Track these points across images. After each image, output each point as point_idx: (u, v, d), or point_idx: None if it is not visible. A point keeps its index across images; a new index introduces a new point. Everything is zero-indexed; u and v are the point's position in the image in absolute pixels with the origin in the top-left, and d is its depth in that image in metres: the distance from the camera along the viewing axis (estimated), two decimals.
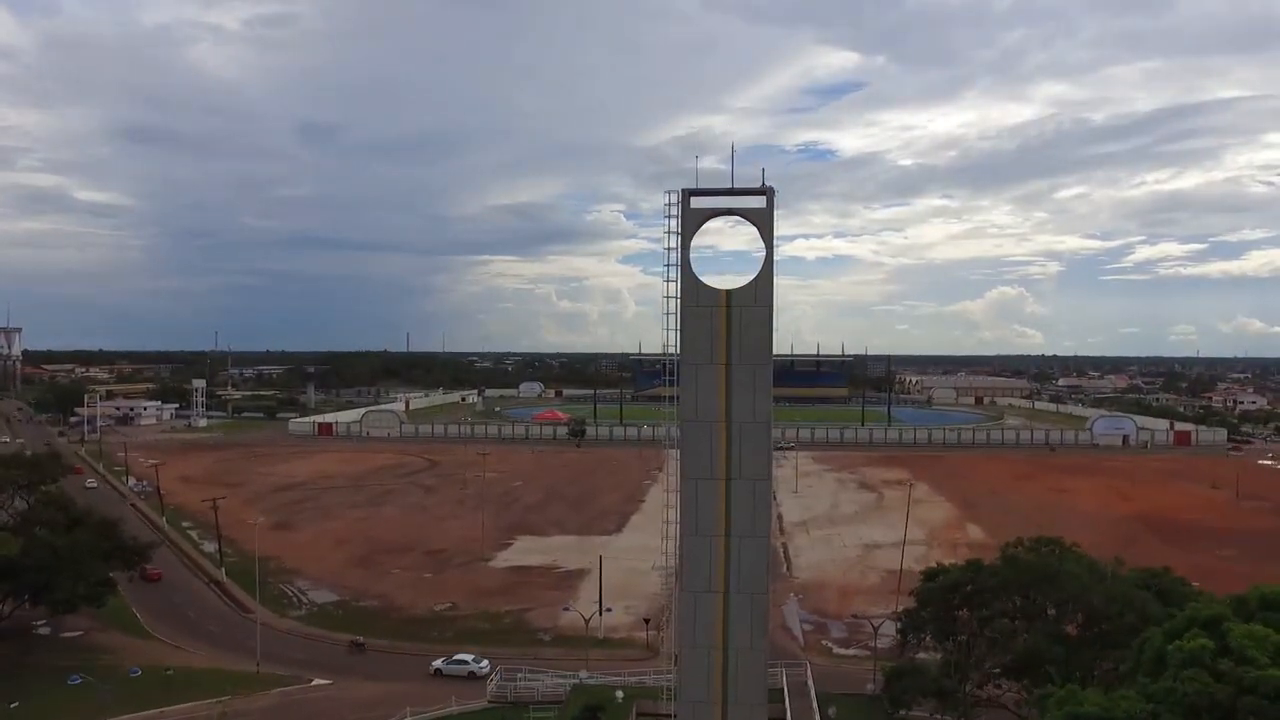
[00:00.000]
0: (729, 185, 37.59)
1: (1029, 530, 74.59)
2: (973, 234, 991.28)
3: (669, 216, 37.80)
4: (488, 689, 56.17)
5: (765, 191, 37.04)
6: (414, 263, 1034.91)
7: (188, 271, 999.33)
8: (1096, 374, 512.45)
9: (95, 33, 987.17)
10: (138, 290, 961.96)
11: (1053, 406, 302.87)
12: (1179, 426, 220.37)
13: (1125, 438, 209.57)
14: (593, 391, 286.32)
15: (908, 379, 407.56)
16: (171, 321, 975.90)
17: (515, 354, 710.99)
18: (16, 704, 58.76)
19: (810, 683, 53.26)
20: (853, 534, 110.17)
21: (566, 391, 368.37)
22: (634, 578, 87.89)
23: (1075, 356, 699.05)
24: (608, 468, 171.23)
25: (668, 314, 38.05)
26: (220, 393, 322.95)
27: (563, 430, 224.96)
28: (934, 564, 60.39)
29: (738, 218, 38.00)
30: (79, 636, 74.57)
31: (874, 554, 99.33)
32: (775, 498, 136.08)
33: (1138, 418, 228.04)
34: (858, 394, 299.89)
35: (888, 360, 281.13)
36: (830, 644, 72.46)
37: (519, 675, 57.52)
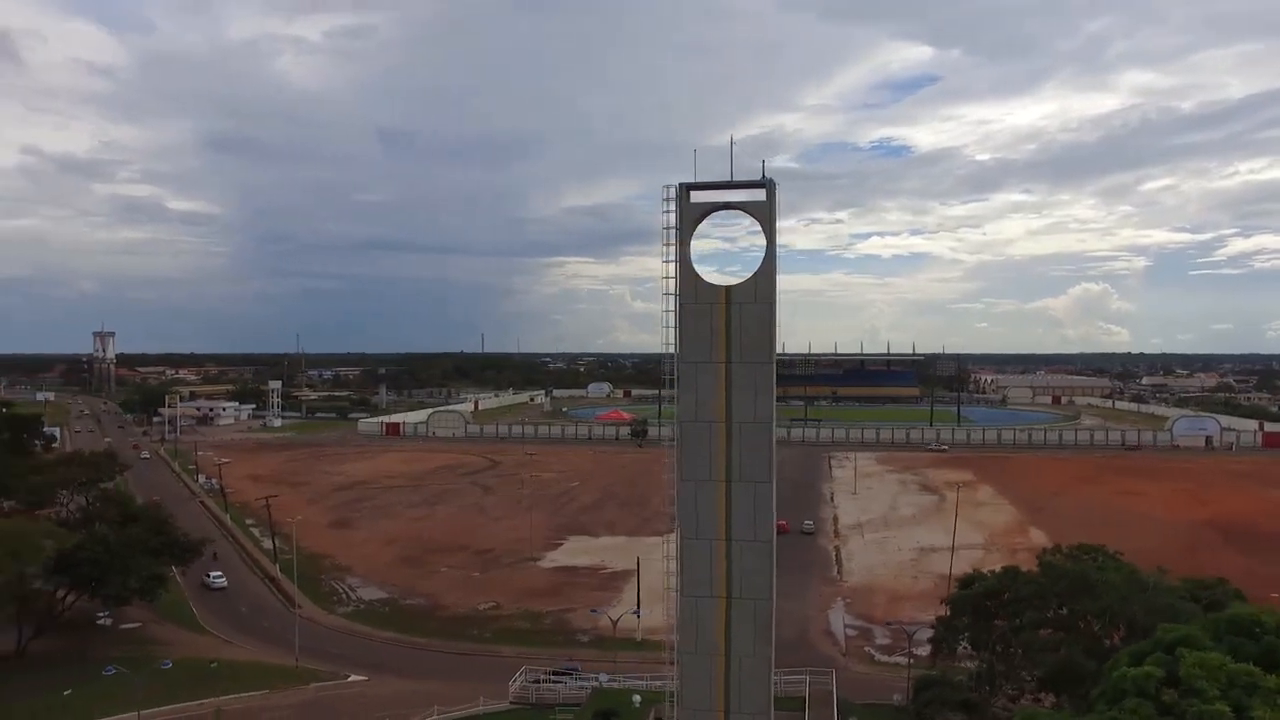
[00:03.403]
0: (745, 179, 36.42)
1: (1093, 535, 71.79)
2: (1054, 229, 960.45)
3: (666, 211, 36.92)
4: (510, 690, 55.98)
5: (765, 184, 35.87)
6: (489, 265, 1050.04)
7: (271, 276, 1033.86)
8: (1185, 372, 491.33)
9: (186, 49, 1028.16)
10: (225, 295, 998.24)
11: (1134, 406, 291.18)
12: (1269, 427, 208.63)
13: (1208, 439, 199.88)
14: (657, 392, 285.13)
15: (983, 378, 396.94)
16: (256, 324, 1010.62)
17: (589, 354, 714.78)
18: (70, 691, 60.98)
19: (834, 691, 51.62)
20: (908, 537, 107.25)
21: (635, 391, 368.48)
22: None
23: (1163, 354, 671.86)
24: (666, 468, 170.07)
25: (666, 311, 37.18)
26: (296, 393, 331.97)
27: (625, 430, 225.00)
28: (984, 570, 58.24)
29: (739, 211, 36.98)
30: (136, 629, 77.00)
31: (929, 558, 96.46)
32: (833, 499, 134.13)
33: (1223, 418, 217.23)
34: (932, 394, 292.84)
35: (957, 359, 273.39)
36: (873, 650, 70.42)
37: (540, 677, 57.26)
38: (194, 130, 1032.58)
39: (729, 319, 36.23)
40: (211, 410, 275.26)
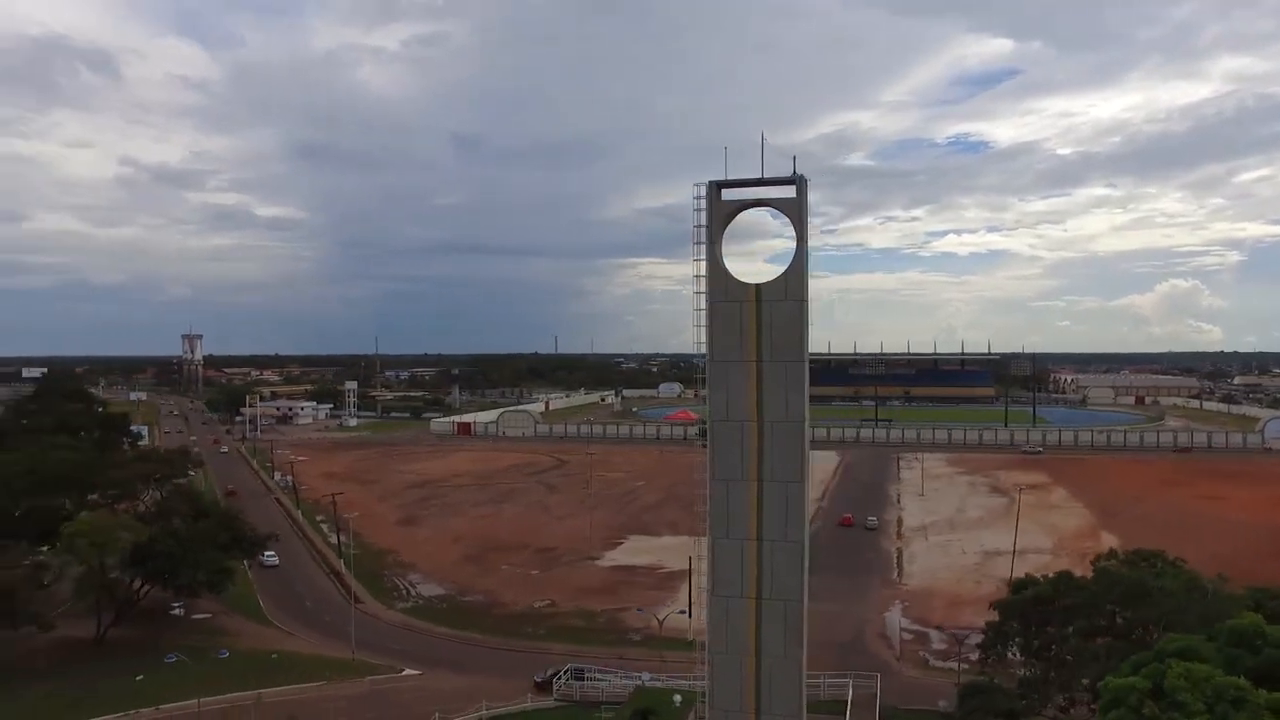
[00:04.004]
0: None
1: (1168, 540, 69.15)
2: (1139, 224, 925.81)
3: (697, 209, 36.77)
4: (555, 687, 56.41)
5: (795, 181, 35.45)
6: (563, 266, 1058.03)
7: (352, 279, 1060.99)
8: None
9: (272, 60, 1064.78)
10: (308, 297, 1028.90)
11: (1224, 407, 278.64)
12: None
13: None
14: None
15: (1063, 378, 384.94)
16: (338, 326, 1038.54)
17: (662, 355, 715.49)
18: (141, 677, 63.73)
19: (878, 696, 50.70)
20: (974, 540, 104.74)
21: (705, 392, 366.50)
22: None
23: (1258, 353, 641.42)
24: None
25: (696, 310, 37.05)
26: (372, 393, 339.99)
27: (693, 430, 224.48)
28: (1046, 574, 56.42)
29: (770, 208, 36.63)
30: (207, 619, 79.81)
31: (993, 562, 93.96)
32: (899, 501, 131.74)
33: None
34: (1009, 394, 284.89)
35: (1032, 359, 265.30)
36: (928, 655, 68.91)
37: (586, 675, 57.56)
38: (279, 139, 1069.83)
39: (760, 317, 35.93)
40: (291, 410, 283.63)
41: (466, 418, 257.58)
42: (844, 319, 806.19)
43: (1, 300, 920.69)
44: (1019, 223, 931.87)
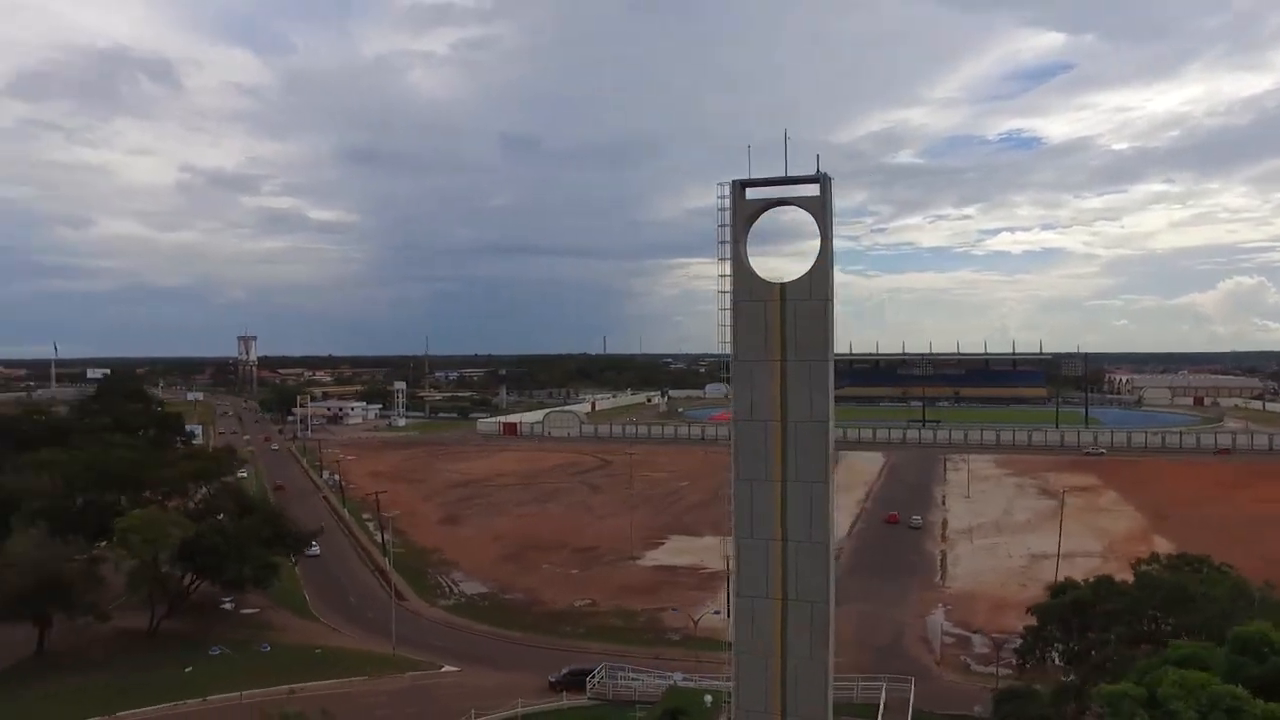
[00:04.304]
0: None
1: (1223, 546, 67.49)
2: (1200, 220, 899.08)
3: (721, 209, 36.78)
4: (588, 686, 56.76)
5: (819, 179, 35.29)
6: (612, 267, 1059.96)
7: (403, 280, 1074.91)
8: None
9: (323, 66, 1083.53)
10: (361, 299, 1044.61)
11: None
12: None
13: None
14: None
15: (1118, 378, 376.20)
16: (389, 327, 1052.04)
17: (710, 355, 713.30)
18: (190, 669, 65.57)
19: (910, 700, 50.14)
20: (1020, 543, 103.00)
21: None
22: None
23: None
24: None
25: (720, 309, 37.03)
26: (421, 394, 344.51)
27: None
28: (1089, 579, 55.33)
29: (794, 207, 36.45)
30: (254, 614, 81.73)
31: (1039, 565, 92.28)
32: (944, 502, 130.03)
33: None
34: (1062, 394, 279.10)
35: (1085, 358, 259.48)
36: (969, 659, 67.93)
37: (620, 674, 57.83)
38: (331, 143, 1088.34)
39: (784, 316, 35.76)
40: (341, 410, 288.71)
41: (512, 418, 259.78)
42: (894, 319, 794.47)
43: (69, 303, 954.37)
44: (1074, 220, 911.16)
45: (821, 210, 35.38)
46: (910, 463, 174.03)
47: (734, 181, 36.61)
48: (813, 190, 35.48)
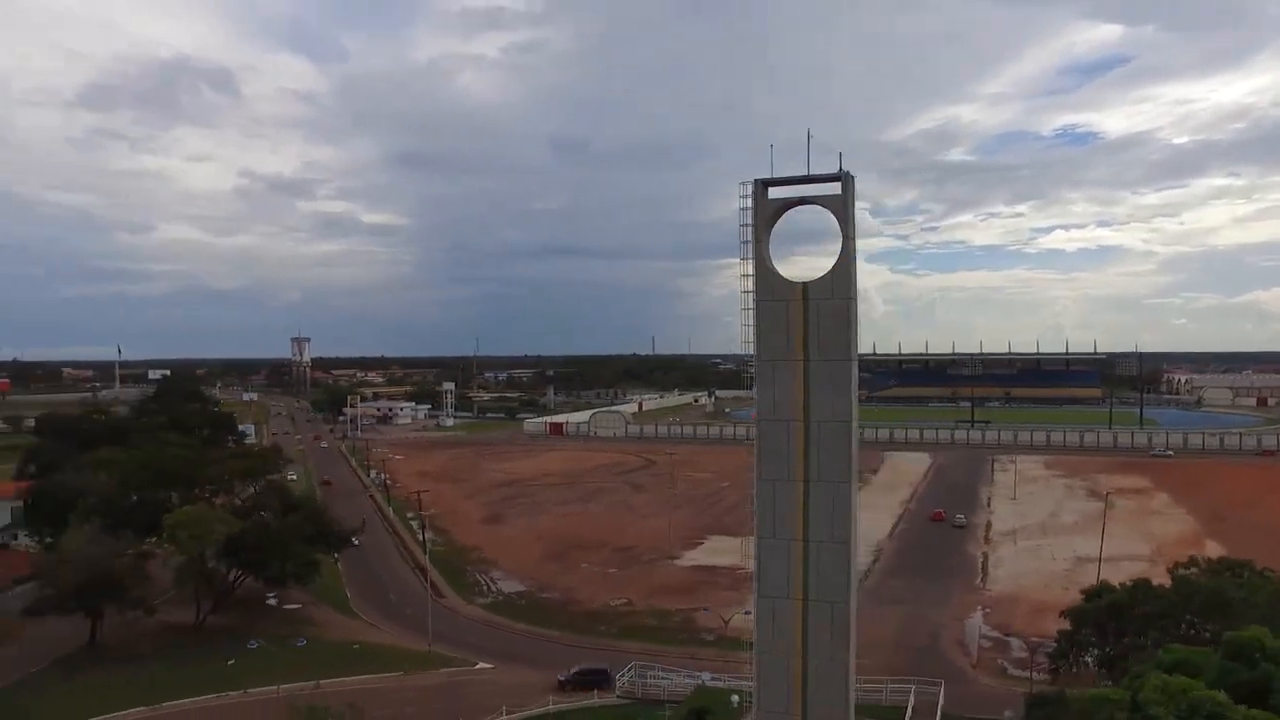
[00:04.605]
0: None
1: (1278, 550, 65.53)
2: (1266, 215, 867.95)
3: (743, 208, 36.76)
4: (617, 684, 56.95)
5: (841, 177, 35.10)
6: (661, 267, 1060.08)
7: (454, 282, 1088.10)
8: None
9: (376, 72, 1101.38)
10: (413, 300, 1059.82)
11: None
12: None
13: None
14: None
15: (1177, 378, 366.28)
16: (441, 328, 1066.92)
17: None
18: (232, 662, 67.19)
19: (939, 703, 49.46)
20: (1066, 546, 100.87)
21: None
22: None
23: None
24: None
25: (744, 309, 37.02)
26: (470, 394, 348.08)
27: None
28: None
29: (817, 206, 36.24)
30: (297, 609, 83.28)
31: (1084, 569, 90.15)
32: (989, 504, 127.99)
33: None
34: (1118, 395, 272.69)
35: (1139, 357, 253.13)
36: (1006, 663, 66.62)
37: (649, 673, 57.93)
38: (383, 147, 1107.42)
39: (807, 316, 35.65)
40: (390, 410, 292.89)
41: (559, 418, 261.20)
42: (945, 318, 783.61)
43: (131, 306, 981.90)
44: (1131, 217, 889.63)
45: (843, 209, 35.17)
46: (957, 463, 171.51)
47: (756, 181, 36.61)
48: (834, 189, 35.31)
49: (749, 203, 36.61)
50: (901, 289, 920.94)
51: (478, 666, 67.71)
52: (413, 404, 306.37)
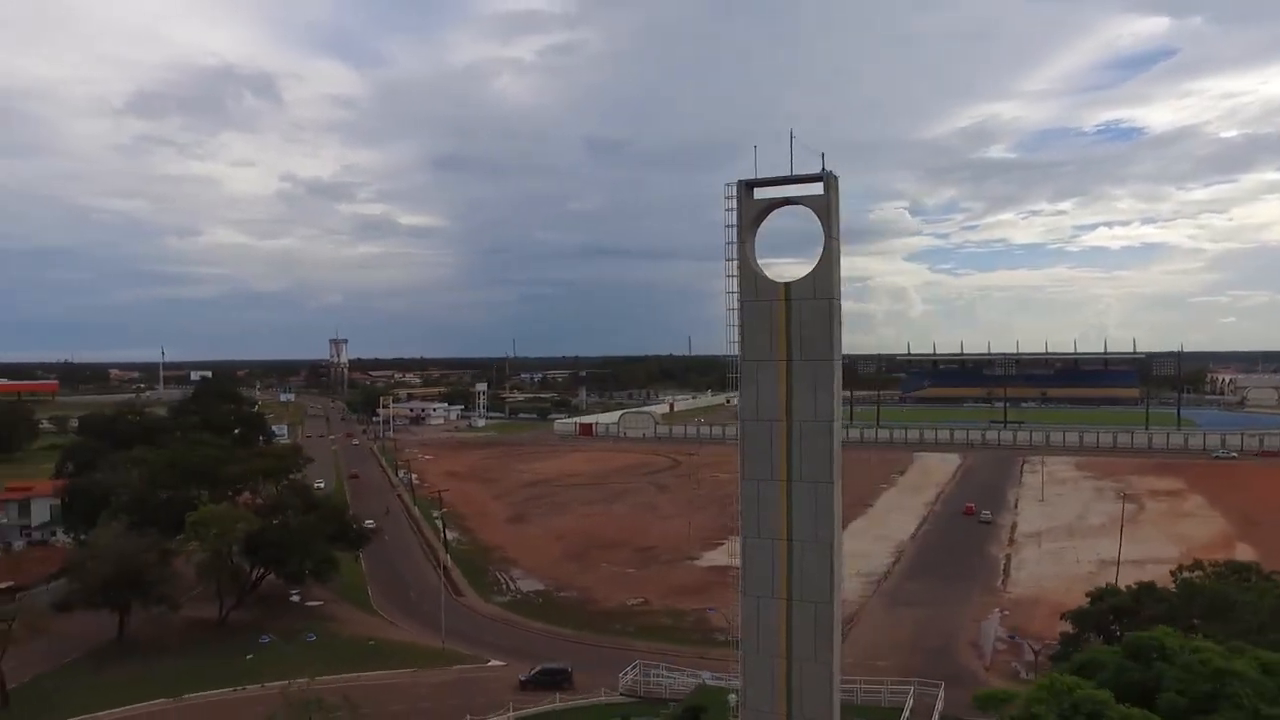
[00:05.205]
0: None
1: None
2: None
3: (728, 209, 37.00)
4: (620, 682, 57.37)
5: (824, 178, 35.22)
6: (697, 268, 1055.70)
7: (491, 283, 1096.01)
8: None
9: (414, 76, 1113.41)
10: (450, 302, 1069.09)
11: None
12: None
13: None
14: (849, 393, 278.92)
15: (1221, 378, 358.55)
16: (477, 329, 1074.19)
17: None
18: (251, 656, 68.70)
19: (938, 705, 49.18)
20: (1091, 548, 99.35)
21: None
22: None
23: None
24: (847, 470, 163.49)
25: (728, 309, 37.24)
26: (502, 395, 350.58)
27: None
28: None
29: (800, 206, 36.36)
30: (319, 606, 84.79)
31: (1109, 572, 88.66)
32: (1015, 506, 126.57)
33: None
34: (1157, 395, 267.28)
35: (1178, 356, 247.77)
36: (1019, 666, 65.83)
37: (653, 672, 58.28)
38: (421, 150, 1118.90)
39: (789, 316, 35.79)
40: (423, 410, 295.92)
41: (588, 419, 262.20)
42: (985, 317, 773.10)
43: (178, 308, 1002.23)
44: (1177, 213, 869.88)
45: (826, 209, 35.27)
46: (987, 464, 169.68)
47: (740, 182, 36.84)
48: (817, 189, 35.43)
49: (733, 204, 36.79)
50: (941, 288, 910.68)
51: (490, 664, 68.53)
52: (445, 405, 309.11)
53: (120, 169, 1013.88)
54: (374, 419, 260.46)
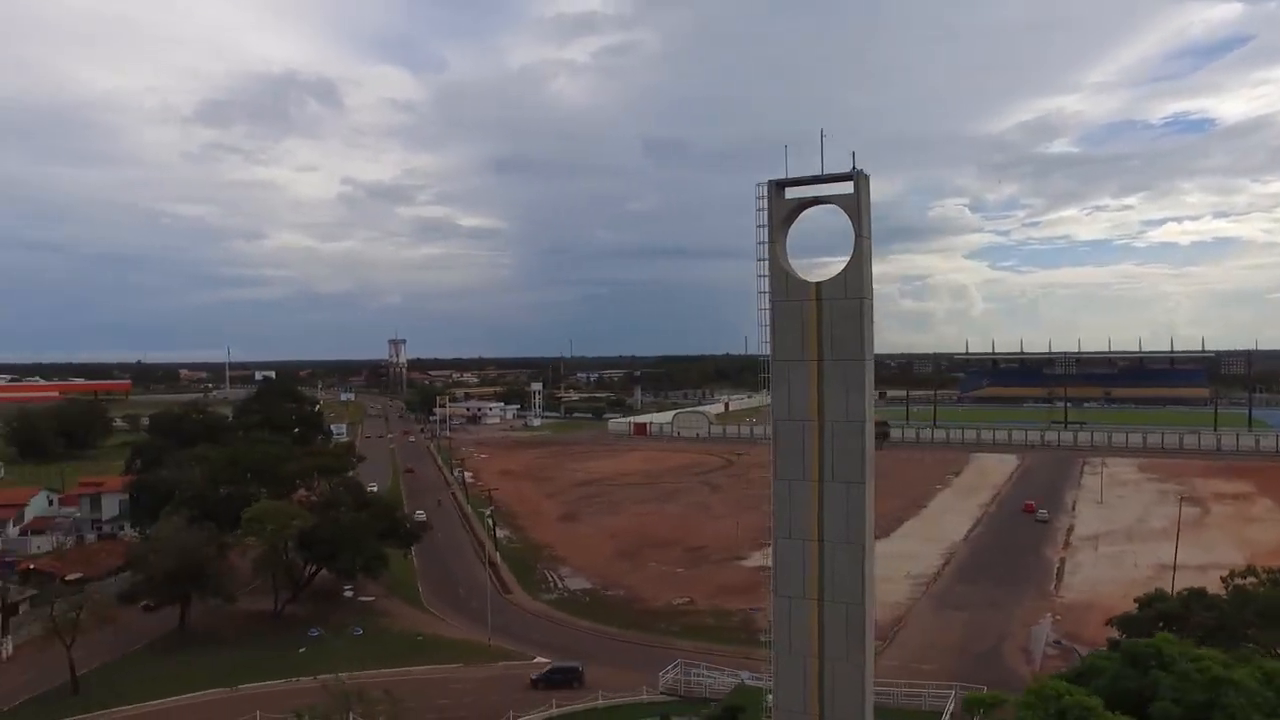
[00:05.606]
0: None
1: None
2: None
3: (759, 209, 37.02)
4: (660, 681, 57.53)
5: (853, 176, 35.04)
6: (754, 267, 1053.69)
7: (549, 284, 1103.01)
8: None
9: (472, 80, 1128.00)
10: (509, 303, 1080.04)
11: None
12: None
13: None
14: (904, 393, 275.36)
15: None
16: (535, 329, 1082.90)
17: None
18: (304, 650, 70.52)
19: (950, 707, 48.35)
20: (1151, 552, 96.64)
21: (890, 393, 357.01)
22: (880, 585, 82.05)
23: None
24: (901, 471, 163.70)
25: (760, 309, 37.25)
26: (558, 395, 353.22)
27: None
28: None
29: (831, 205, 36.21)
30: (371, 602, 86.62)
31: (1168, 577, 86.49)
32: (1073, 508, 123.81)
33: None
34: (1227, 395, 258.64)
35: (1248, 355, 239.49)
36: None
37: (694, 671, 58.30)
38: (480, 153, 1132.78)
39: (820, 316, 35.68)
40: (480, 410, 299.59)
41: (642, 418, 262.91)
42: (1048, 316, 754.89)
43: (244, 310, 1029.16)
44: (1252, 206, 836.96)
45: (856, 208, 35.09)
46: (1045, 465, 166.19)
47: (770, 181, 36.81)
48: (847, 188, 35.28)
49: (763, 204, 36.79)
50: (1002, 286, 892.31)
51: (535, 660, 69.24)
52: (501, 404, 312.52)
53: (189, 175, 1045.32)
54: (431, 418, 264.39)
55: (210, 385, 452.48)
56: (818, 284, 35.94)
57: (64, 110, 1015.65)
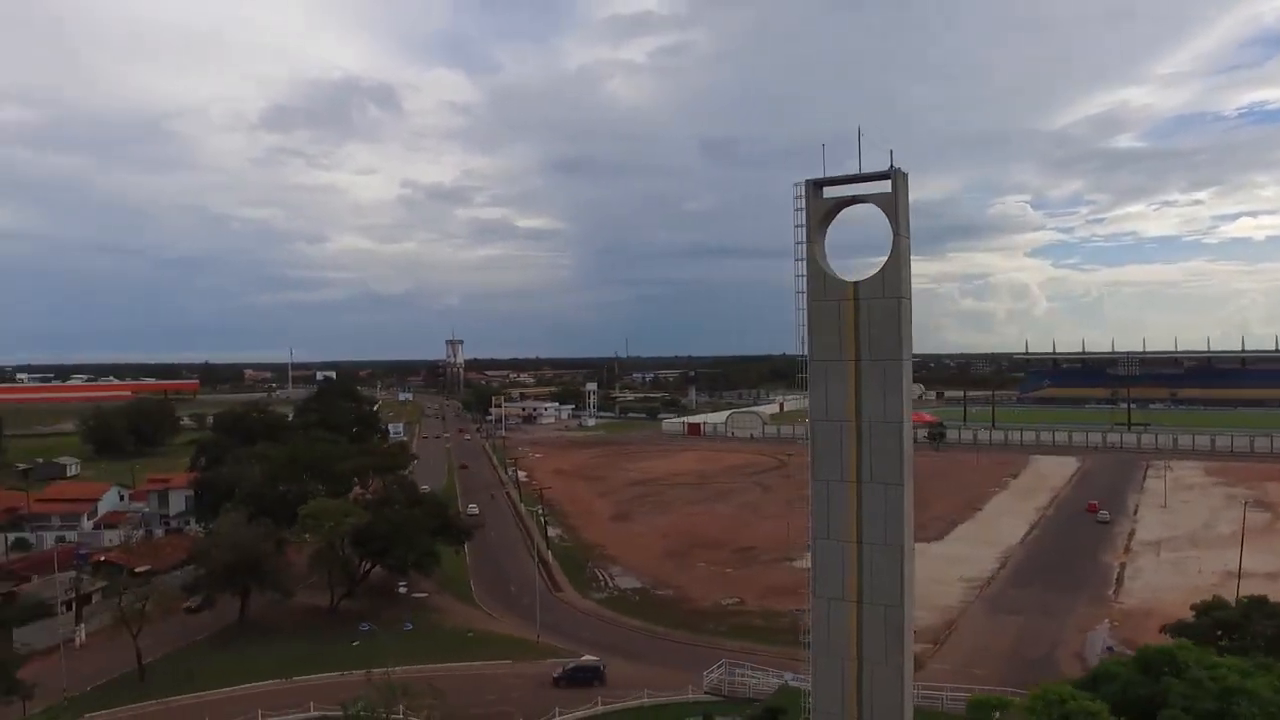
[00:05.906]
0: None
1: None
2: None
3: (797, 209, 36.96)
4: (705, 680, 57.69)
5: (891, 175, 34.81)
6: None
7: (606, 284, 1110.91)
8: None
9: (528, 82, 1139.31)
10: (566, 303, 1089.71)
11: None
12: None
13: None
14: (962, 393, 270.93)
15: None
16: (592, 329, 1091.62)
17: (914, 355, 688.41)
18: (357, 643, 72.14)
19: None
20: (1217, 559, 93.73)
21: (948, 393, 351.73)
22: (932, 588, 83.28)
23: None
24: (957, 473, 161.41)
25: (797, 310, 37.19)
26: (613, 395, 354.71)
27: (923, 433, 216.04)
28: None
29: (869, 204, 36.00)
30: (424, 598, 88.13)
31: (1235, 584, 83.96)
32: (1135, 512, 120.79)
33: None
34: None
35: None
36: None
37: (738, 671, 58.36)
38: (536, 154, 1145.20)
39: (858, 315, 35.53)
40: (535, 410, 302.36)
41: (696, 419, 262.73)
42: (1114, 314, 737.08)
43: (307, 311, 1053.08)
44: None
45: (894, 207, 34.87)
46: (1107, 468, 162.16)
47: (808, 181, 36.74)
48: (884, 187, 35.07)
49: (801, 203, 36.74)
50: (1066, 285, 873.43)
51: (584, 658, 69.75)
52: (556, 404, 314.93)
53: (255, 180, 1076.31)
54: (487, 418, 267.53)
55: (274, 385, 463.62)
56: (855, 283, 35.79)
57: (147, 120, 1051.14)
